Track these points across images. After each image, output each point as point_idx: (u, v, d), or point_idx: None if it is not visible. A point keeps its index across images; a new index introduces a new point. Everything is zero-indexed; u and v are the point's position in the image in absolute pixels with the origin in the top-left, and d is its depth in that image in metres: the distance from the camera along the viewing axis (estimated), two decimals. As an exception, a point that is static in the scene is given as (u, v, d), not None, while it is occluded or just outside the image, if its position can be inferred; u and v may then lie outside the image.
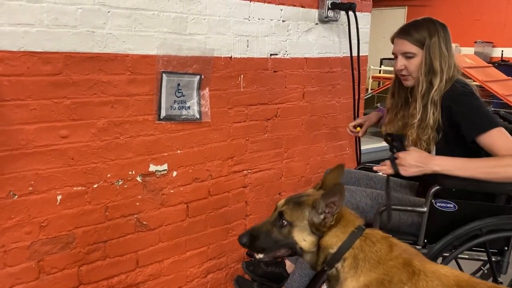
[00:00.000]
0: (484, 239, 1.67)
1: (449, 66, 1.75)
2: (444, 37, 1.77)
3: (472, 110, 1.67)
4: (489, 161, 1.63)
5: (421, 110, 1.74)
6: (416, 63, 1.78)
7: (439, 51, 1.75)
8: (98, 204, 1.82)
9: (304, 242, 1.36)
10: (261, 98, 2.33)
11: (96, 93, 1.73)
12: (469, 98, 1.70)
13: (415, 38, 1.77)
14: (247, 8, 2.16)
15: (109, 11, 1.71)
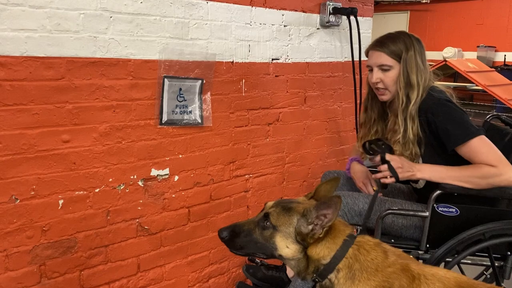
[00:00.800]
0: (487, 244, 1.66)
1: (425, 79, 1.74)
2: (419, 50, 1.76)
3: (449, 121, 1.65)
4: (467, 171, 1.63)
5: (403, 124, 1.73)
6: (392, 76, 1.76)
7: (415, 64, 1.73)
8: (100, 209, 1.82)
9: (286, 249, 1.30)
10: (263, 103, 2.34)
11: (98, 98, 1.74)
12: (445, 107, 1.68)
13: (392, 50, 1.75)
14: (248, 13, 2.17)
15: (111, 16, 1.72)
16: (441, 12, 11.29)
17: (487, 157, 1.60)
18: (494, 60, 10.38)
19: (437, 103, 1.68)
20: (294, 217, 1.30)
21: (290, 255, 1.31)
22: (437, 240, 1.73)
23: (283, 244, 1.30)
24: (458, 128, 1.63)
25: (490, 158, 1.60)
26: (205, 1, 1.99)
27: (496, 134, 2.01)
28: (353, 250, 1.31)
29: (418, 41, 1.79)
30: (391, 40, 1.77)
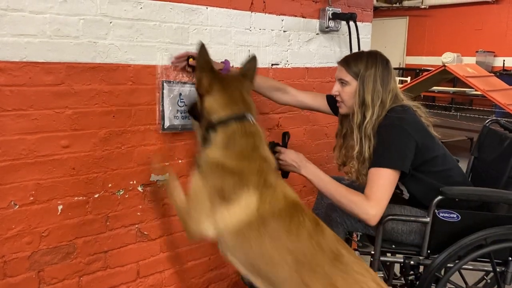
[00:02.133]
0: (489, 250, 1.65)
1: (383, 102, 1.74)
2: (381, 72, 1.77)
3: (382, 143, 1.69)
4: (343, 190, 1.66)
5: (359, 141, 1.76)
6: (348, 91, 1.80)
7: (372, 85, 1.75)
8: (99, 214, 1.81)
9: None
10: (263, 108, 2.34)
11: (98, 103, 1.74)
12: (389, 130, 1.70)
13: (352, 67, 1.79)
14: (248, 18, 2.17)
15: (111, 21, 1.72)
16: (440, 18, 11.34)
17: (372, 188, 1.62)
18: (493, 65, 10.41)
19: (387, 124, 1.71)
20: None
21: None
22: (438, 246, 1.72)
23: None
24: (384, 152, 1.67)
25: (372, 191, 1.62)
26: (204, 7, 2.00)
27: (495, 139, 2.01)
28: (236, 125, 1.47)
29: (384, 63, 1.80)
30: (354, 58, 1.83)
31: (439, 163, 1.76)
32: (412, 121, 1.72)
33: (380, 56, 1.82)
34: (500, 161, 1.89)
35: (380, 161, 1.65)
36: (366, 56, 1.81)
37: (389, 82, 1.78)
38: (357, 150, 1.76)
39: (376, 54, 1.83)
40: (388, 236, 1.80)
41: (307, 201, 2.67)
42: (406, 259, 1.80)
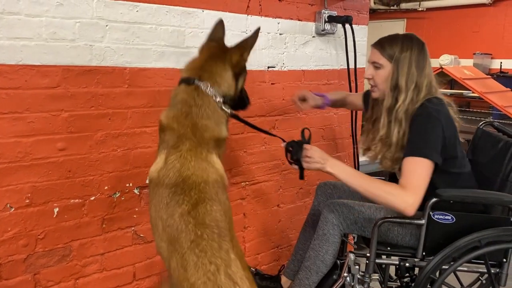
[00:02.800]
0: (483, 251, 1.66)
1: (417, 86, 1.71)
2: (417, 55, 1.73)
3: (418, 132, 1.65)
4: (376, 182, 1.64)
5: (385, 125, 1.74)
6: (382, 74, 1.77)
7: (407, 68, 1.72)
8: (95, 217, 1.82)
9: None
10: (259, 110, 2.34)
11: (94, 106, 1.75)
12: (424, 119, 1.66)
13: (386, 50, 1.76)
14: (244, 21, 2.18)
15: (107, 25, 1.73)
16: (437, 20, 11.37)
17: (407, 177, 1.60)
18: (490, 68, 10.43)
19: (424, 114, 1.67)
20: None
21: None
22: (433, 248, 1.73)
23: None
24: (418, 141, 1.64)
25: (408, 180, 1.60)
26: (200, 10, 2.01)
27: (489, 141, 2.02)
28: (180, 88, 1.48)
29: (420, 46, 1.76)
30: (389, 40, 1.78)
31: (456, 164, 1.75)
32: (447, 116, 1.70)
33: (416, 39, 1.78)
34: (494, 163, 1.89)
35: (417, 151, 1.62)
36: (401, 39, 1.77)
37: (425, 67, 1.74)
38: (383, 133, 1.73)
39: (412, 37, 1.79)
40: (383, 238, 1.80)
41: (303, 203, 2.67)
42: (402, 261, 1.80)
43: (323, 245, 1.82)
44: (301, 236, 2.15)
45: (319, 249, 1.83)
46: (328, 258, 1.83)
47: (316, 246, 1.84)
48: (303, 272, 1.85)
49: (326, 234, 1.82)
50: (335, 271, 1.89)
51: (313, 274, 1.83)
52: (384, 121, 1.75)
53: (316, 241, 1.84)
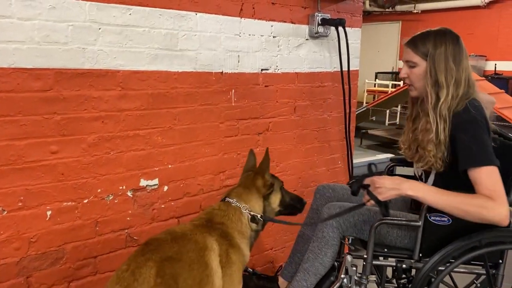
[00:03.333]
0: (483, 251, 1.66)
1: (457, 81, 1.68)
2: (453, 49, 1.69)
3: (476, 141, 1.60)
4: (463, 197, 1.58)
5: (435, 123, 1.68)
6: (418, 73, 1.74)
7: (444, 63, 1.68)
8: (88, 219, 1.82)
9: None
10: (253, 113, 2.35)
11: (87, 109, 1.75)
12: (477, 126, 1.62)
13: (419, 48, 1.73)
14: (237, 24, 2.19)
15: (100, 28, 1.74)
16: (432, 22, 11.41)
17: (489, 187, 1.56)
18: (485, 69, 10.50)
19: (471, 121, 1.62)
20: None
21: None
22: (429, 249, 1.72)
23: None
24: (481, 150, 1.59)
25: (491, 190, 1.55)
26: (194, 13, 2.01)
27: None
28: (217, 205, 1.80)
29: (454, 40, 1.71)
30: (422, 37, 1.75)
31: None
32: (486, 121, 1.66)
33: (449, 33, 1.73)
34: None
35: (486, 160, 1.58)
36: (433, 35, 1.73)
37: (462, 60, 1.70)
38: (434, 133, 1.67)
39: (445, 32, 1.74)
40: (381, 240, 1.81)
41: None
42: (398, 262, 1.80)
43: (322, 247, 1.82)
44: (299, 239, 2.15)
45: (318, 252, 1.83)
46: (327, 261, 1.83)
47: (315, 249, 1.84)
48: (301, 273, 1.86)
49: (325, 237, 1.82)
50: (332, 272, 1.89)
51: (311, 276, 1.84)
52: (433, 119, 1.68)
53: (315, 243, 1.84)
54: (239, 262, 1.67)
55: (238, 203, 1.76)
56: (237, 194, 1.80)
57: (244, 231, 1.74)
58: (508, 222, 1.57)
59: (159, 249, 1.48)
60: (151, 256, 1.44)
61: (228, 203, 1.76)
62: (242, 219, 1.74)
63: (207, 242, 1.59)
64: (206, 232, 1.62)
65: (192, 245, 1.55)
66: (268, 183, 1.83)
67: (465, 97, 1.68)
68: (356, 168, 3.04)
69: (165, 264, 1.44)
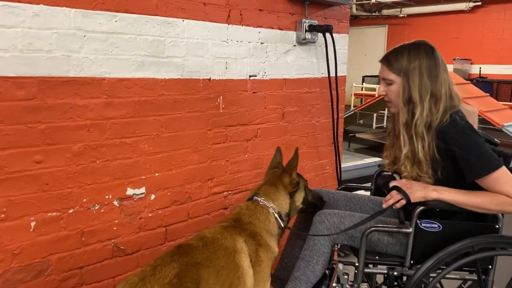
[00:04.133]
0: (475, 257, 1.66)
1: (435, 96, 1.64)
2: (428, 63, 1.66)
3: (472, 152, 1.59)
4: (484, 197, 1.60)
5: (407, 142, 1.68)
6: (394, 90, 1.72)
7: (419, 79, 1.65)
8: (74, 230, 1.78)
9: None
10: (241, 119, 2.34)
11: (72, 117, 1.72)
12: (468, 137, 1.60)
13: (393, 64, 1.70)
14: (225, 31, 2.18)
15: (85, 35, 1.71)
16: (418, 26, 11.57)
17: (506, 188, 1.57)
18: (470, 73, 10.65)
19: (461, 133, 1.61)
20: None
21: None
22: (420, 256, 1.72)
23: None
24: (480, 160, 1.58)
25: (509, 189, 1.57)
26: (181, 19, 2.00)
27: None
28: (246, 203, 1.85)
29: (429, 53, 1.68)
30: (395, 53, 1.72)
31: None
32: (474, 129, 1.65)
33: (423, 45, 1.69)
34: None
35: (486, 168, 1.57)
36: (407, 49, 1.69)
37: (439, 73, 1.66)
38: (407, 151, 1.67)
39: (419, 45, 1.70)
40: (373, 247, 1.80)
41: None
42: (390, 270, 1.80)
43: (314, 255, 1.81)
44: (287, 245, 2.14)
45: (310, 260, 1.81)
46: (318, 269, 1.82)
47: (307, 257, 1.82)
48: (292, 282, 1.84)
49: (316, 245, 1.81)
50: (324, 281, 1.88)
51: (302, 285, 1.82)
52: (404, 138, 1.68)
53: (307, 251, 1.83)
54: (268, 259, 1.71)
55: (266, 202, 1.80)
56: (264, 192, 1.84)
57: (271, 229, 1.77)
58: None
59: (188, 254, 1.52)
60: (178, 258, 1.49)
61: (256, 202, 1.80)
62: (270, 218, 1.78)
63: (236, 245, 1.62)
64: (235, 234, 1.66)
65: (222, 251, 1.58)
66: (294, 182, 1.86)
67: (449, 110, 1.66)
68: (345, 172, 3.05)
69: (190, 268, 1.47)
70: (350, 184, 2.38)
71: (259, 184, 1.92)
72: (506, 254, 1.71)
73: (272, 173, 1.94)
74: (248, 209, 1.78)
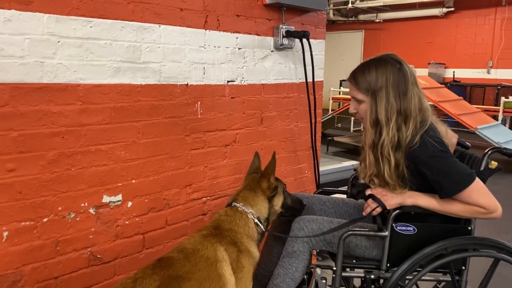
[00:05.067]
0: (449, 259, 1.70)
1: (404, 114, 1.62)
2: (396, 79, 1.62)
3: (441, 174, 1.59)
4: (459, 206, 1.63)
5: (373, 163, 1.68)
6: (365, 108, 1.70)
7: (386, 99, 1.62)
8: (48, 239, 1.74)
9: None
10: (219, 124, 2.34)
11: (46, 124, 1.68)
12: (437, 160, 1.60)
13: (360, 84, 1.67)
14: (202, 36, 2.18)
15: (59, 41, 1.68)
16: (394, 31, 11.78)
17: (478, 202, 1.60)
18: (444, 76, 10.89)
19: (431, 156, 1.60)
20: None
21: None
22: (397, 259, 1.75)
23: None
24: (451, 181, 1.59)
25: (481, 202, 1.59)
26: (157, 25, 1.99)
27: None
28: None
29: (396, 69, 1.64)
30: (362, 71, 1.68)
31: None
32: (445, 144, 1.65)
33: (391, 60, 1.66)
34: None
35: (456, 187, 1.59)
36: (374, 66, 1.65)
37: (407, 89, 1.62)
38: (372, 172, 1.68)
39: (386, 60, 1.66)
40: (350, 251, 1.82)
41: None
42: (367, 273, 1.82)
43: (293, 262, 1.81)
44: (264, 250, 2.14)
45: (289, 267, 1.81)
46: (297, 276, 1.82)
47: (286, 264, 1.82)
48: None
49: (296, 252, 1.81)
50: (302, 286, 1.89)
51: None
52: (370, 159, 1.67)
53: (286, 258, 1.83)
54: (249, 265, 1.71)
55: (244, 207, 1.80)
56: (243, 198, 1.84)
57: (251, 234, 1.78)
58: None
59: (169, 267, 1.51)
60: (160, 271, 1.49)
61: (235, 208, 1.80)
62: (249, 224, 1.78)
63: (217, 254, 1.62)
64: (216, 242, 1.65)
65: (203, 262, 1.57)
66: (272, 186, 1.87)
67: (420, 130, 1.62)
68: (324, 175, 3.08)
69: (171, 281, 1.47)
70: (327, 188, 2.40)
71: (238, 190, 1.92)
72: (478, 255, 1.75)
73: (251, 178, 1.95)
74: (227, 216, 1.78)
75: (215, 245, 1.64)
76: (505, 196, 4.98)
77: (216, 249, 1.63)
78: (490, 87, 9.88)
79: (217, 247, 1.64)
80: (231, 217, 1.77)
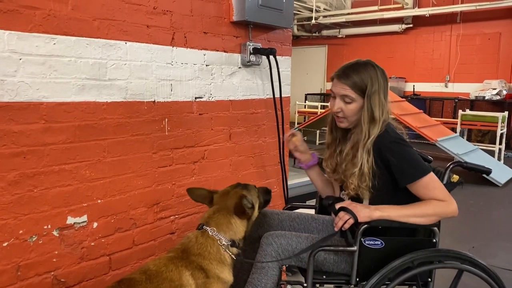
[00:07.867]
0: (416, 272, 1.73)
1: (386, 114, 1.78)
2: (383, 85, 1.77)
3: (403, 159, 1.72)
4: (420, 207, 1.73)
5: (361, 158, 1.75)
6: (353, 108, 1.78)
7: (378, 100, 1.75)
8: (9, 264, 1.66)
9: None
10: (187, 141, 2.32)
11: (6, 144, 1.62)
12: (399, 146, 1.74)
13: (356, 84, 1.76)
14: (169, 53, 2.17)
15: (20, 58, 1.63)
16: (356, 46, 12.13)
17: (434, 193, 1.72)
18: (404, 90, 11.28)
19: (393, 142, 1.74)
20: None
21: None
22: (366, 273, 1.77)
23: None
24: (411, 167, 1.71)
25: (437, 194, 1.72)
26: (123, 42, 1.96)
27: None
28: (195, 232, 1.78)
29: (383, 74, 1.80)
30: (357, 73, 1.77)
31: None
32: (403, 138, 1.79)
33: (378, 67, 1.80)
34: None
35: (421, 172, 1.71)
36: (367, 70, 1.77)
37: (387, 94, 1.80)
38: (358, 168, 1.75)
39: (374, 66, 1.80)
40: (320, 267, 1.83)
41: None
42: None
43: (262, 278, 1.80)
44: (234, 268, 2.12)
45: (258, 283, 1.80)
46: None
47: (255, 280, 1.81)
48: None
49: (264, 268, 1.80)
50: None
51: None
52: (361, 155, 1.75)
53: (255, 274, 1.82)
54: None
55: (218, 233, 1.72)
56: (216, 223, 1.76)
57: (224, 259, 1.72)
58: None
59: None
60: None
61: (206, 233, 1.72)
62: (221, 250, 1.72)
63: (182, 279, 1.56)
64: (181, 266, 1.60)
65: (166, 284, 1.52)
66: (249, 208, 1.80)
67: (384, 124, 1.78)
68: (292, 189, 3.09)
69: None
70: (296, 204, 2.42)
71: (210, 211, 1.84)
72: (443, 267, 1.80)
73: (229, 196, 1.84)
74: (198, 242, 1.71)
75: (180, 269, 1.59)
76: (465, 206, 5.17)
77: (181, 273, 1.58)
78: (448, 100, 10.31)
79: (182, 271, 1.59)
80: (201, 244, 1.70)
